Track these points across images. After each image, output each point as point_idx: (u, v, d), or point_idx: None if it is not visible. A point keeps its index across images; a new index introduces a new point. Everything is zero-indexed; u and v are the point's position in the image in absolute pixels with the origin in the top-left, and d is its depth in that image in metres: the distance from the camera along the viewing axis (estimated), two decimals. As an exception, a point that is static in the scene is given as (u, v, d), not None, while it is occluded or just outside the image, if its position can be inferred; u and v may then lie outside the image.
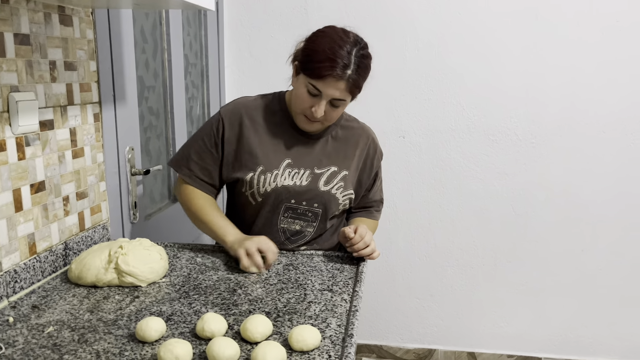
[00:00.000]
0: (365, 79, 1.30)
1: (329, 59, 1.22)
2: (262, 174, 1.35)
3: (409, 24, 2.18)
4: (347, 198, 1.42)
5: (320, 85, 1.24)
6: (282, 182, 1.35)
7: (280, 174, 1.36)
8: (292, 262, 1.33)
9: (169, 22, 1.80)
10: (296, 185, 1.36)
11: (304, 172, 1.37)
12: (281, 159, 1.37)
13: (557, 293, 2.35)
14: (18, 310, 1.05)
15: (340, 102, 1.28)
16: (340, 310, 1.06)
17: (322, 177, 1.38)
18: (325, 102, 1.27)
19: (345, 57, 1.23)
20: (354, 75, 1.24)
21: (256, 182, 1.35)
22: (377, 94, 2.25)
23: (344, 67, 1.23)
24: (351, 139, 1.43)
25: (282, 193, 1.36)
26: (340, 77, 1.23)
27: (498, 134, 2.23)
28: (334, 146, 1.41)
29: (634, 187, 2.21)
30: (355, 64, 1.24)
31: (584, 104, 2.16)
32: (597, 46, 2.10)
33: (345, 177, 1.40)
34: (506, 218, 2.31)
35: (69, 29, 1.28)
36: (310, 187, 1.37)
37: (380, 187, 1.56)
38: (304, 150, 1.39)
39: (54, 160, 1.25)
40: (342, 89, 1.25)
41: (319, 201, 1.38)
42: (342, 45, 1.24)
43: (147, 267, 1.16)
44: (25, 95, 1.13)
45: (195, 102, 2.11)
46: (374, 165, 1.47)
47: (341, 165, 1.40)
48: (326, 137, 1.40)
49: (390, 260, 2.42)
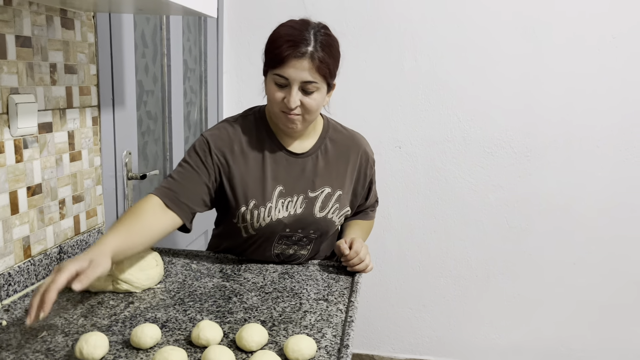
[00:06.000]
0: (334, 59, 1.21)
1: (287, 42, 1.16)
2: (256, 208, 1.27)
3: (408, 35, 2.20)
4: (344, 216, 1.38)
5: (285, 72, 1.17)
6: (277, 216, 1.28)
7: (274, 206, 1.28)
8: (287, 270, 1.33)
9: (170, 27, 1.81)
10: (291, 215, 1.29)
11: (297, 198, 1.30)
12: (273, 188, 1.28)
13: (550, 305, 2.37)
14: (11, 314, 1.04)
15: (312, 86, 1.18)
16: (335, 320, 1.06)
17: (317, 201, 1.31)
18: (296, 89, 1.18)
19: (304, 36, 1.17)
20: (317, 52, 1.16)
21: (249, 217, 1.28)
22: (374, 104, 2.26)
23: (304, 44, 1.16)
24: (343, 154, 1.35)
25: (277, 226, 1.29)
26: (302, 55, 1.16)
27: (493, 146, 2.25)
28: (325, 163, 1.33)
29: (627, 201, 2.23)
30: (317, 41, 1.17)
31: (579, 118, 2.18)
32: (593, 61, 2.13)
33: (340, 197, 1.34)
34: (500, 230, 2.32)
35: (70, 32, 1.28)
36: (305, 214, 1.30)
37: (375, 190, 1.50)
38: (295, 172, 1.31)
39: (51, 163, 1.25)
40: (308, 68, 1.16)
41: (315, 228, 1.32)
42: (299, 28, 1.19)
43: (143, 273, 1.15)
44: (25, 97, 1.13)
45: (193, 107, 2.11)
46: (367, 174, 1.41)
47: (334, 185, 1.33)
48: (316, 153, 1.33)
49: (384, 269, 2.43)
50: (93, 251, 0.99)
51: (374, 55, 2.23)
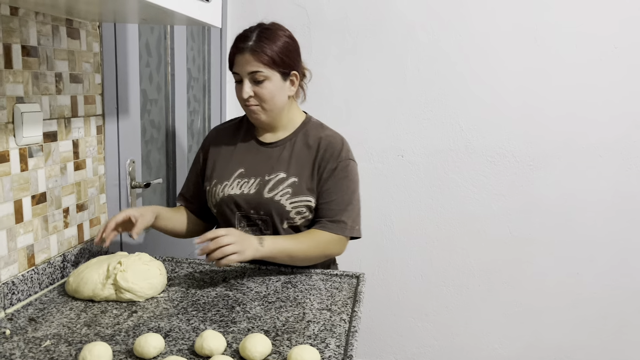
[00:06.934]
0: (279, 47, 1.30)
1: (234, 45, 1.32)
2: (215, 185, 1.41)
3: (410, 44, 2.20)
4: (302, 206, 1.35)
5: (235, 68, 1.32)
6: (229, 192, 1.38)
7: (229, 184, 1.39)
8: (290, 280, 1.33)
9: (174, 36, 1.82)
10: (243, 194, 1.37)
11: (254, 180, 1.38)
12: (234, 170, 1.40)
13: (553, 316, 2.35)
14: (15, 323, 1.04)
15: (260, 75, 1.29)
16: (339, 330, 1.06)
17: (269, 184, 1.36)
18: (246, 81, 1.30)
19: (247, 35, 1.30)
20: (256, 43, 1.28)
21: (210, 194, 1.42)
22: (377, 113, 2.27)
23: (244, 41, 1.29)
24: (310, 146, 1.38)
25: (228, 202, 1.38)
26: (243, 50, 1.28)
27: (496, 155, 2.25)
28: (291, 153, 1.38)
29: (630, 210, 2.23)
30: (256, 34, 1.29)
31: (581, 127, 2.18)
32: (595, 70, 2.13)
33: (295, 184, 1.35)
34: (503, 239, 2.32)
35: (76, 41, 1.29)
36: (255, 195, 1.36)
37: (345, 206, 1.36)
38: (260, 159, 1.40)
39: (55, 172, 1.25)
40: (251, 60, 1.28)
41: (264, 209, 1.35)
42: (246, 31, 1.32)
43: (146, 282, 1.15)
44: (30, 106, 1.14)
45: (197, 115, 2.12)
46: (326, 169, 1.36)
47: (291, 171, 1.36)
48: (285, 144, 1.40)
49: (386, 278, 2.42)
50: (142, 207, 1.31)
51: (377, 64, 2.24)
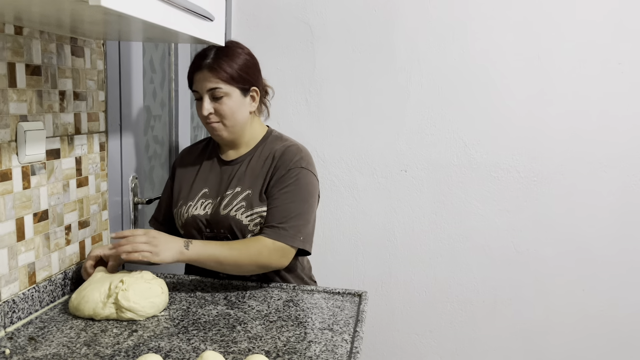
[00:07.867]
0: (237, 64, 1.32)
1: (192, 63, 1.35)
2: (180, 207, 1.41)
3: (414, 61, 2.21)
4: (258, 217, 1.33)
5: (194, 87, 1.34)
6: (192, 212, 1.38)
7: (194, 204, 1.39)
8: (292, 298, 1.32)
9: (178, 53, 1.83)
10: (206, 214, 1.37)
11: (215, 200, 1.38)
12: (198, 190, 1.41)
13: (558, 333, 2.33)
14: (15, 342, 1.04)
15: (218, 92, 1.30)
16: (340, 351, 1.04)
17: (224, 200, 1.36)
18: (206, 98, 1.32)
19: (205, 54, 1.33)
20: (214, 61, 1.30)
21: (177, 216, 1.42)
22: (380, 128, 2.26)
23: (203, 59, 1.32)
24: (266, 158, 1.38)
25: (192, 223, 1.38)
26: (201, 67, 1.31)
27: (500, 171, 2.24)
28: (249, 167, 1.38)
29: (635, 226, 2.21)
30: (214, 52, 1.32)
31: (586, 143, 2.17)
32: (599, 86, 2.13)
33: (249, 196, 1.34)
34: (507, 255, 2.30)
35: (80, 59, 1.30)
36: (214, 213, 1.36)
37: (290, 216, 1.31)
38: (222, 177, 1.40)
39: (58, 189, 1.25)
40: (209, 77, 1.30)
41: (223, 226, 1.35)
42: (205, 50, 1.34)
43: (148, 301, 1.14)
44: (33, 124, 1.14)
45: (200, 131, 2.13)
46: (274, 176, 1.34)
47: (246, 185, 1.36)
48: (245, 160, 1.40)
49: (389, 294, 2.40)
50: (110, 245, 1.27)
51: (381, 79, 2.24)
